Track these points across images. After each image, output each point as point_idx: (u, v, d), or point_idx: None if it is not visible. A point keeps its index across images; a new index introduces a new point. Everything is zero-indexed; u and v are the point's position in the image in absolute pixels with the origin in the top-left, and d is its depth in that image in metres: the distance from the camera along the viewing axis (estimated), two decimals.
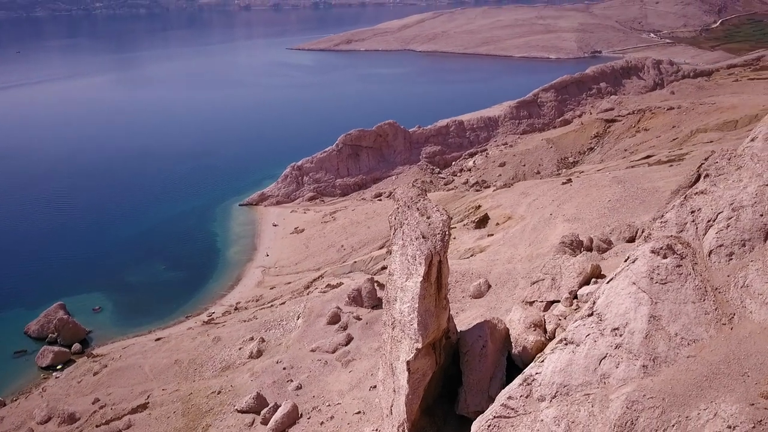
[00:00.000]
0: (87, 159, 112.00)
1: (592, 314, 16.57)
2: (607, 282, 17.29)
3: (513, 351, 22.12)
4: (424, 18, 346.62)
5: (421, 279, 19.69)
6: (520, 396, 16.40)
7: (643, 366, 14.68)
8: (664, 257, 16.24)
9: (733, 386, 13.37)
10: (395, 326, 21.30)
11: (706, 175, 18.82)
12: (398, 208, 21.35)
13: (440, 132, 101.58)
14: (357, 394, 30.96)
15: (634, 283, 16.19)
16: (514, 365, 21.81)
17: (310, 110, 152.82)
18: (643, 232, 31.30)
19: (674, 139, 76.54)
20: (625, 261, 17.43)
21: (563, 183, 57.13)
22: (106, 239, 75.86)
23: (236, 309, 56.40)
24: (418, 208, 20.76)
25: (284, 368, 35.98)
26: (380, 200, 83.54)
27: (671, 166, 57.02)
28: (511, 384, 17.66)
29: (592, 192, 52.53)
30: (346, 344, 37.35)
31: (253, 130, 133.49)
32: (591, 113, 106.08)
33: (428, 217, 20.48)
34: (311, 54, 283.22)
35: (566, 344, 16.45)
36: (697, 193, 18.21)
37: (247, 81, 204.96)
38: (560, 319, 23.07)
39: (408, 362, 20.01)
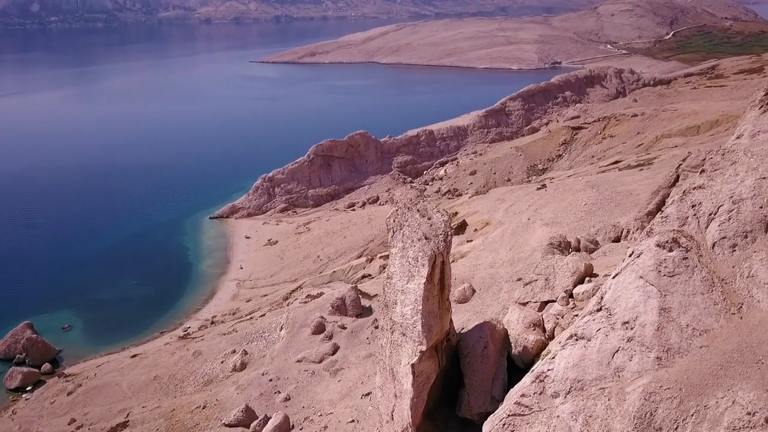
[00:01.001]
0: (49, 175, 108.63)
1: (600, 309, 16.63)
2: (613, 277, 17.38)
3: (513, 351, 22.08)
4: (388, 30, 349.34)
5: (424, 280, 19.49)
6: (534, 393, 16.35)
7: (657, 358, 14.76)
8: (670, 250, 16.40)
9: (749, 374, 13.51)
10: (395, 330, 21.03)
11: (702, 171, 19.23)
12: (397, 210, 21.14)
13: (411, 142, 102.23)
14: (349, 402, 30.55)
15: (641, 277, 16.28)
16: (513, 366, 21.79)
17: (278, 122, 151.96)
18: (628, 232, 31.91)
19: (640, 145, 78.58)
20: (630, 256, 17.54)
21: (538, 188, 57.97)
22: (73, 256, 73.57)
23: (212, 323, 55.28)
24: (418, 210, 20.61)
25: (270, 380, 35.31)
26: (354, 210, 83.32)
27: (641, 170, 58.47)
28: (521, 382, 17.61)
29: (567, 196, 53.40)
30: (333, 353, 36.89)
31: (220, 143, 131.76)
32: (558, 121, 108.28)
33: (429, 218, 20.35)
34: (275, 66, 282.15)
35: (577, 340, 16.47)
36: (695, 187, 18.55)
37: (211, 94, 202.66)
38: (558, 319, 23.17)
39: (413, 365, 19.76)
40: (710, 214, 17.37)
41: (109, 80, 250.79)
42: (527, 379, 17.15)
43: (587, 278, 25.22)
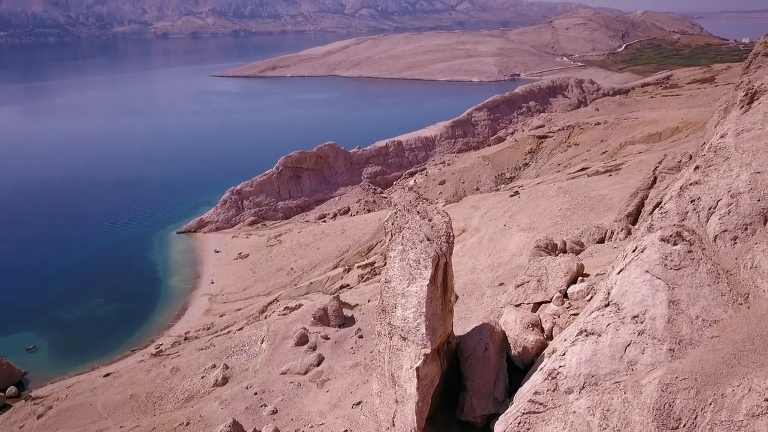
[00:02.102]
0: (8, 191, 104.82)
1: (608, 305, 16.72)
2: (618, 273, 17.52)
3: (512, 353, 22.08)
4: (348, 44, 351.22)
5: (427, 282, 19.32)
6: (547, 390, 16.34)
7: (670, 349, 14.89)
8: (675, 244, 16.64)
9: (762, 361, 13.73)
10: (393, 335, 20.80)
11: (696, 167, 19.66)
12: (396, 212, 20.96)
13: (380, 152, 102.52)
14: (339, 413, 30.06)
15: (647, 271, 16.44)
16: (512, 367, 21.81)
17: (243, 135, 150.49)
18: (612, 233, 32.44)
19: (604, 152, 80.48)
20: (633, 251, 17.73)
21: (511, 195, 58.64)
22: (36, 274, 70.83)
23: (186, 339, 53.94)
24: (418, 212, 20.49)
25: (255, 393, 34.49)
26: (325, 221, 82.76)
27: (610, 175, 59.73)
28: (532, 380, 17.61)
29: (541, 202, 54.14)
30: (318, 364, 36.31)
31: (185, 157, 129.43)
32: (523, 130, 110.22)
33: (430, 220, 20.25)
34: (236, 81, 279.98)
35: (587, 335, 16.53)
36: (691, 183, 18.93)
37: (173, 108, 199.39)
38: (555, 318, 23.31)
39: (417, 368, 19.54)
40: (710, 209, 17.71)
41: (63, 95, 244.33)
42: (539, 377, 17.13)
43: (580, 278, 25.47)
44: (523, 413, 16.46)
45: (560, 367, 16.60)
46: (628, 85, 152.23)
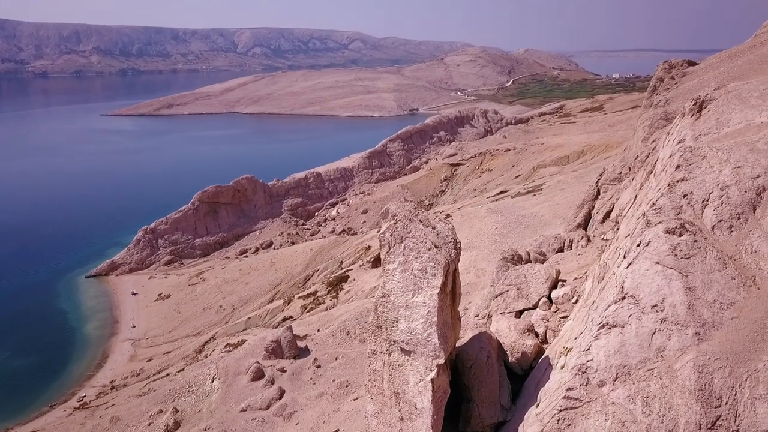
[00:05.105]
0: None
1: (625, 297, 17.19)
2: (626, 267, 18.12)
3: (510, 359, 22.19)
4: (246, 81, 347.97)
5: (437, 291, 19.06)
6: (580, 385, 16.42)
7: (696, 333, 15.48)
8: (680, 235, 17.47)
9: None
10: (393, 350, 20.28)
11: (678, 166, 20.95)
12: (396, 222, 20.62)
13: (299, 184, 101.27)
14: None
15: (658, 263, 17.11)
16: (510, 373, 21.92)
17: (148, 173, 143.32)
18: (571, 242, 33.70)
19: (518, 176, 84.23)
20: (638, 246, 18.42)
21: (443, 219, 59.71)
22: None
23: (114, 388, 49.74)
24: (420, 220, 20.31)
25: None
26: (247, 257, 80.00)
27: (534, 195, 62.49)
28: (560, 377, 17.65)
29: (475, 223, 55.53)
30: (280, 398, 34.61)
31: (85, 199, 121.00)
32: (437, 159, 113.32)
33: (434, 228, 20.11)
34: (131, 119, 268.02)
35: (610, 328, 16.87)
36: (678, 180, 20.12)
37: (63, 148, 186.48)
38: (546, 323, 23.71)
39: (432, 380, 19.11)
40: (703, 201, 18.86)
41: None
42: (566, 374, 17.20)
43: (559, 283, 26.16)
44: (560, 410, 16.40)
45: (588, 361, 16.74)
46: (527, 115, 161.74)
